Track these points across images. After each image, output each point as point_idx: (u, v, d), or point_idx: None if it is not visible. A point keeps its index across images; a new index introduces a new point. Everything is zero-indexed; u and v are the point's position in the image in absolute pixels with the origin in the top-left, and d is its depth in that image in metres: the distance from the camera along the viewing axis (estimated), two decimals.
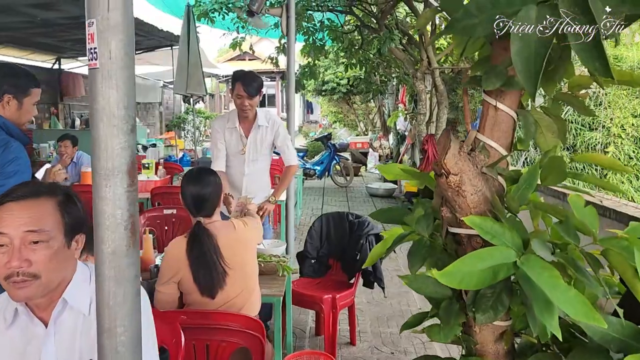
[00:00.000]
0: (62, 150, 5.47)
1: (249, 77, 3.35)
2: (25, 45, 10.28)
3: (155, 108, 17.90)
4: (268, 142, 3.50)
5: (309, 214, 7.96)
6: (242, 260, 2.28)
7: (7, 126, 2.26)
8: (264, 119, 3.48)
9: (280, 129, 3.52)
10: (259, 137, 3.46)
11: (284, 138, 3.51)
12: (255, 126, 3.45)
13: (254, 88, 3.31)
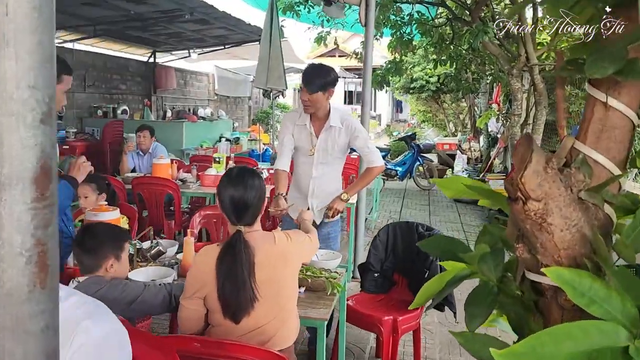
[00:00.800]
0: (140, 140, 5.51)
1: (312, 70, 3.04)
2: (123, 39, 10.74)
3: (244, 102, 18.26)
4: (341, 145, 3.14)
5: (386, 216, 7.55)
6: (280, 281, 1.96)
7: None
8: (337, 120, 3.12)
9: (358, 130, 3.13)
10: (330, 138, 3.12)
11: (363, 140, 3.16)
12: (327, 126, 3.11)
13: (314, 84, 2.98)
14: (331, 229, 3.24)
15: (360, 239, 4.72)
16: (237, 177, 2.01)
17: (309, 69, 3.06)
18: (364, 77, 4.51)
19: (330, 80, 3.05)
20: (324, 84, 3.00)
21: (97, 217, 2.51)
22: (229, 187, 1.99)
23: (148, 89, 12.48)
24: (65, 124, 9.48)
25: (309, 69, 3.07)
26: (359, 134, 3.14)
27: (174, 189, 4.63)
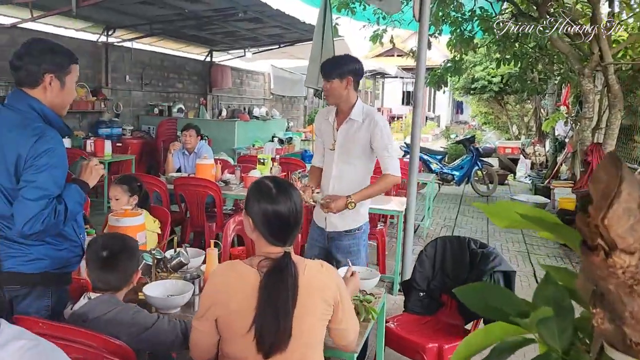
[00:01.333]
0: (186, 139, 5.43)
1: (331, 59, 2.93)
2: (180, 38, 10.86)
3: (300, 102, 18.20)
4: (361, 142, 2.85)
5: (440, 224, 7.15)
6: (310, 317, 1.68)
7: (45, 114, 1.98)
8: (359, 114, 2.86)
9: (378, 129, 2.81)
10: (350, 132, 2.87)
11: (383, 141, 2.82)
12: (347, 119, 2.87)
13: (330, 72, 2.80)
14: (352, 241, 2.94)
15: (408, 248, 4.40)
16: (281, 190, 1.70)
17: (329, 59, 2.94)
18: (417, 77, 4.18)
19: (349, 69, 2.81)
20: (340, 71, 2.79)
21: (119, 223, 2.37)
22: (270, 201, 1.68)
23: (204, 87, 12.60)
24: (122, 122, 9.67)
25: (329, 59, 2.95)
26: (380, 132, 2.81)
27: (215, 190, 4.49)
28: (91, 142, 6.89)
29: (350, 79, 2.81)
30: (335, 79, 2.78)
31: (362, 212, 2.95)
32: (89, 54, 9.02)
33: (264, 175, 1.79)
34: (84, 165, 2.12)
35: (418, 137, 4.24)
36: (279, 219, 1.67)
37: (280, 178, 1.83)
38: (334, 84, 2.79)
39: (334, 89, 2.81)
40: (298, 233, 1.75)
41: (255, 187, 1.76)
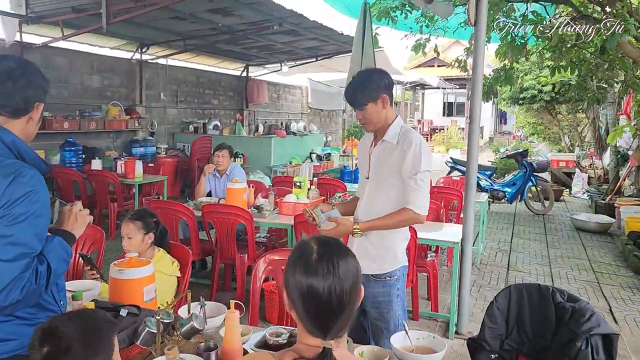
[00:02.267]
0: (219, 160, 5.03)
1: (351, 85, 2.38)
2: (215, 53, 10.62)
3: (338, 116, 17.77)
4: (394, 167, 2.35)
5: (494, 248, 6.50)
6: None
7: (17, 147, 1.57)
8: (395, 134, 2.38)
9: (411, 151, 2.30)
10: (383, 155, 2.41)
11: (411, 166, 2.30)
12: (380, 141, 2.42)
13: (359, 99, 2.34)
14: (380, 289, 2.41)
15: (466, 283, 3.83)
16: (325, 256, 1.22)
17: (348, 85, 2.42)
18: (474, 87, 3.65)
19: (381, 85, 2.32)
20: (372, 92, 2.31)
21: (122, 275, 1.94)
22: (309, 273, 1.21)
23: (240, 103, 12.33)
24: (157, 140, 9.45)
25: (348, 85, 2.42)
26: (411, 155, 2.29)
27: (247, 219, 4.05)
28: (122, 163, 6.61)
29: (386, 96, 2.34)
30: (369, 104, 2.32)
31: (396, 252, 2.45)
32: (123, 71, 8.86)
33: (313, 237, 1.26)
34: (66, 212, 1.70)
35: (476, 156, 3.69)
36: (315, 297, 1.19)
37: (332, 239, 1.32)
38: (369, 109, 2.33)
39: (371, 114, 2.35)
40: (348, 323, 1.25)
41: (295, 251, 1.29)
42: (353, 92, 2.35)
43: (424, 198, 2.33)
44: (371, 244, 2.41)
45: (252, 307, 2.66)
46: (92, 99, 8.20)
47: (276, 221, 4.31)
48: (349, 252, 1.27)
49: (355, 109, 2.38)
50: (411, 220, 2.36)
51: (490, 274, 5.41)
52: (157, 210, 4.20)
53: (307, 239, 1.29)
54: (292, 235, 4.07)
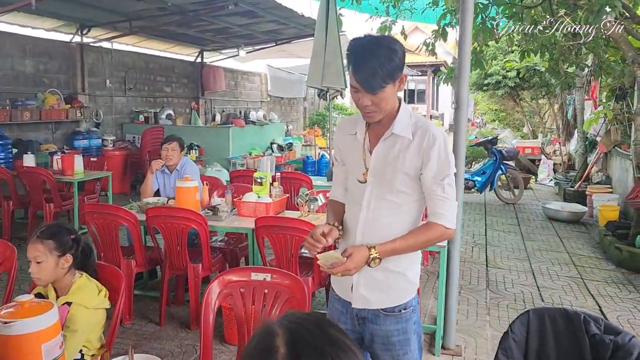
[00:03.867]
0: (167, 154, 4.39)
1: (365, 52, 1.65)
2: (166, 37, 9.84)
3: (299, 104, 17.16)
4: (408, 168, 1.77)
5: (470, 242, 6.12)
6: None
7: None
8: (407, 125, 1.78)
9: (436, 150, 1.74)
10: (391, 155, 1.79)
11: (438, 170, 1.75)
12: (388, 135, 1.79)
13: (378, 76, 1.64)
14: (396, 326, 1.85)
15: (453, 289, 3.38)
16: None
17: (360, 52, 1.66)
18: (460, 68, 3.16)
19: (400, 60, 1.67)
20: (392, 71, 1.65)
21: (9, 330, 1.35)
22: None
23: (196, 91, 11.57)
24: (103, 131, 8.65)
25: (359, 51, 1.66)
26: (436, 155, 1.74)
27: (199, 223, 3.47)
28: (58, 159, 5.85)
29: (404, 76, 1.73)
30: (389, 85, 1.67)
31: (411, 276, 1.89)
32: (62, 56, 7.99)
33: (282, 320, 0.71)
34: None
35: (463, 148, 3.23)
36: None
37: (310, 327, 0.76)
38: (386, 92, 1.68)
39: (386, 100, 1.70)
40: None
41: (252, 346, 0.75)
42: (372, 70, 1.63)
43: (455, 208, 1.79)
44: (380, 270, 1.80)
45: (205, 346, 2.11)
46: (26, 86, 7.34)
47: (234, 224, 3.74)
48: (340, 352, 0.73)
49: (366, 91, 1.68)
50: (441, 237, 1.81)
51: (470, 273, 5.02)
52: (93, 215, 3.58)
53: (272, 325, 0.75)
54: (253, 241, 3.51)
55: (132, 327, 3.62)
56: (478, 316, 3.98)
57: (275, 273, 2.22)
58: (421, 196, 1.85)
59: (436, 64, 21.12)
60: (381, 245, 1.73)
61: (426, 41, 7.97)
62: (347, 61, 1.75)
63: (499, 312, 4.06)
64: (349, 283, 1.88)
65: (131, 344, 1.67)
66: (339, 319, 1.94)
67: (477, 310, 4.09)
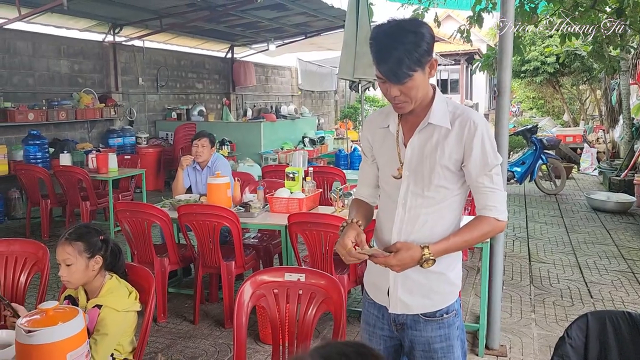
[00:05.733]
0: (197, 151, 4.35)
1: (389, 41, 1.50)
2: (196, 34, 9.85)
3: (330, 97, 17.02)
4: (447, 160, 1.63)
5: (510, 235, 5.89)
6: None
7: None
8: (444, 113, 1.63)
9: (479, 138, 1.60)
10: (428, 146, 1.65)
11: (484, 160, 1.61)
12: (423, 125, 1.65)
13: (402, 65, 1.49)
14: (437, 332, 1.71)
15: (497, 287, 3.21)
16: None
17: (383, 40, 1.51)
18: (502, 53, 2.98)
19: (428, 45, 1.52)
20: (420, 56, 1.50)
21: (32, 340, 1.28)
22: None
23: (226, 86, 11.59)
24: (137, 129, 8.73)
25: (382, 39, 1.51)
26: (480, 144, 1.60)
27: (232, 221, 3.39)
28: (93, 157, 5.90)
29: (434, 60, 1.57)
30: (417, 72, 1.53)
31: (453, 277, 1.74)
32: (95, 55, 8.09)
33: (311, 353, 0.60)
34: None
35: (506, 136, 3.05)
36: None
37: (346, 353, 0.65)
38: (416, 80, 1.54)
39: (416, 88, 1.56)
40: None
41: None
42: (398, 59, 1.49)
43: (505, 199, 1.66)
44: (418, 271, 1.66)
45: (238, 347, 2.02)
46: (62, 86, 7.46)
47: (267, 221, 3.66)
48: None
49: (392, 82, 1.55)
50: (494, 231, 1.68)
51: (512, 267, 4.81)
52: (125, 213, 3.56)
53: (303, 356, 0.64)
54: (287, 238, 3.42)
55: (166, 325, 3.59)
56: (522, 314, 3.79)
57: (309, 273, 2.11)
58: (462, 190, 1.71)
59: (469, 53, 20.63)
60: (434, 245, 1.60)
61: (460, 28, 7.71)
62: (370, 51, 1.60)
63: (545, 310, 3.86)
64: (385, 286, 1.75)
65: (160, 352, 1.60)
66: (375, 325, 1.81)
67: (521, 308, 3.90)
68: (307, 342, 2.10)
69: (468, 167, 1.63)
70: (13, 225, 6.40)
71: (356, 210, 1.83)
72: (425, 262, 1.60)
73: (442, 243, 1.63)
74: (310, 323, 2.08)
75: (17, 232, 5.98)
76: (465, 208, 3.25)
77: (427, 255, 1.59)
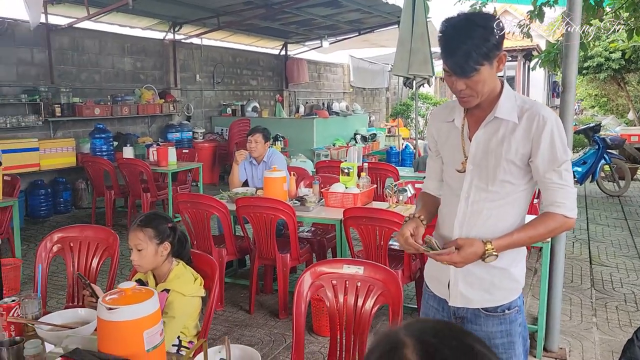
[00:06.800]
0: (252, 146, 4.44)
1: (456, 34, 1.51)
2: (252, 31, 10.03)
3: (381, 94, 16.93)
4: (513, 155, 1.61)
5: (570, 237, 5.69)
6: None
7: None
8: (511, 107, 1.62)
9: (547, 132, 1.57)
10: (494, 141, 1.64)
11: (553, 155, 1.58)
12: (489, 119, 1.64)
13: (468, 59, 1.50)
14: (498, 327, 1.70)
15: (557, 289, 3.13)
16: None
17: (451, 34, 1.52)
18: (567, 49, 2.89)
19: (497, 39, 1.50)
20: (487, 50, 1.50)
21: (115, 315, 1.38)
22: None
23: (280, 83, 11.74)
24: (194, 124, 9.00)
25: (451, 32, 1.52)
26: (549, 139, 1.57)
27: (288, 214, 3.46)
28: (154, 151, 6.14)
29: (503, 55, 1.56)
30: (484, 65, 1.52)
31: (516, 274, 1.72)
32: (156, 53, 8.40)
33: (402, 329, 0.63)
34: None
35: (570, 133, 2.96)
36: None
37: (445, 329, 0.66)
38: (483, 74, 1.53)
39: (483, 82, 1.55)
40: None
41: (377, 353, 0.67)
42: (466, 53, 1.49)
43: (574, 196, 1.63)
44: (481, 266, 1.66)
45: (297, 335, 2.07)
46: (125, 82, 7.79)
47: (322, 215, 3.71)
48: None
49: (458, 75, 1.55)
50: (561, 228, 1.66)
51: (572, 270, 4.65)
52: (186, 204, 3.70)
53: (397, 335, 0.66)
54: (341, 232, 3.46)
55: (223, 313, 3.71)
56: (583, 317, 3.67)
57: (368, 266, 2.13)
58: (528, 186, 1.69)
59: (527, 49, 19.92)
60: (498, 240, 1.59)
61: (520, 23, 7.50)
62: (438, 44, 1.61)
63: (607, 314, 3.72)
64: (446, 279, 1.75)
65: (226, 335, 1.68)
66: (435, 318, 1.82)
67: (581, 311, 3.78)
68: (364, 335, 2.13)
69: (535, 162, 1.61)
70: (79, 214, 6.75)
71: (421, 205, 1.85)
72: (487, 257, 1.59)
73: (506, 238, 1.62)
74: (368, 316, 2.10)
75: (83, 221, 6.30)
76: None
77: (490, 250, 1.59)
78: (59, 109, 6.38)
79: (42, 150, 6.10)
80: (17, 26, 6.25)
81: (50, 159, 6.22)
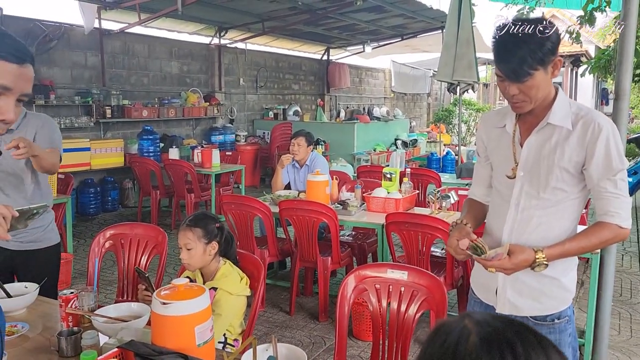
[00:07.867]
0: (294, 150, 4.50)
1: (511, 38, 1.49)
2: (295, 36, 10.15)
3: (422, 99, 16.80)
4: (567, 162, 1.59)
5: (619, 250, 5.48)
6: None
7: None
8: (566, 114, 1.60)
9: (602, 140, 1.54)
10: (546, 147, 1.62)
11: (608, 163, 1.55)
12: (542, 125, 1.62)
13: (525, 62, 1.48)
14: (549, 337, 1.54)
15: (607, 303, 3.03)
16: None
17: (506, 38, 1.50)
18: (622, 55, 2.81)
19: (552, 43, 1.49)
20: (542, 54, 1.48)
21: (169, 310, 1.43)
22: None
23: (321, 88, 11.82)
24: (236, 127, 9.16)
25: (505, 37, 1.50)
26: (604, 147, 1.54)
27: (330, 217, 3.49)
28: (198, 152, 6.30)
29: (558, 60, 1.53)
30: (539, 70, 1.50)
31: (566, 283, 1.69)
32: (202, 57, 8.61)
33: (466, 315, 0.65)
34: None
35: (624, 142, 2.86)
36: None
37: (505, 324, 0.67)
38: (537, 78, 1.51)
39: (537, 87, 1.53)
40: None
41: (437, 343, 0.68)
42: (520, 58, 1.48)
43: (629, 206, 1.59)
44: (530, 274, 1.63)
45: (340, 337, 2.09)
46: (172, 85, 8.02)
47: (364, 219, 3.72)
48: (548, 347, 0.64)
49: (511, 80, 1.53)
50: (615, 238, 1.62)
51: (621, 283, 4.49)
52: (230, 206, 3.77)
53: (458, 322, 0.68)
54: (383, 237, 3.45)
55: (264, 314, 3.76)
56: (633, 333, 3.54)
57: (412, 271, 2.13)
58: (581, 195, 1.66)
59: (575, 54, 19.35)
60: (549, 249, 1.57)
61: (569, 28, 7.30)
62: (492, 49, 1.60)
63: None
64: (494, 286, 1.74)
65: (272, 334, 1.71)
66: None
67: (631, 326, 3.64)
68: (407, 340, 2.13)
69: (589, 170, 1.58)
70: (126, 213, 6.97)
71: (467, 211, 1.85)
72: (537, 266, 1.57)
73: (557, 247, 1.59)
74: (411, 321, 2.10)
75: (129, 220, 6.51)
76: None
77: (540, 259, 1.57)
78: (109, 110, 6.62)
79: (93, 150, 6.34)
80: (72, 31, 6.53)
81: (100, 158, 6.46)
